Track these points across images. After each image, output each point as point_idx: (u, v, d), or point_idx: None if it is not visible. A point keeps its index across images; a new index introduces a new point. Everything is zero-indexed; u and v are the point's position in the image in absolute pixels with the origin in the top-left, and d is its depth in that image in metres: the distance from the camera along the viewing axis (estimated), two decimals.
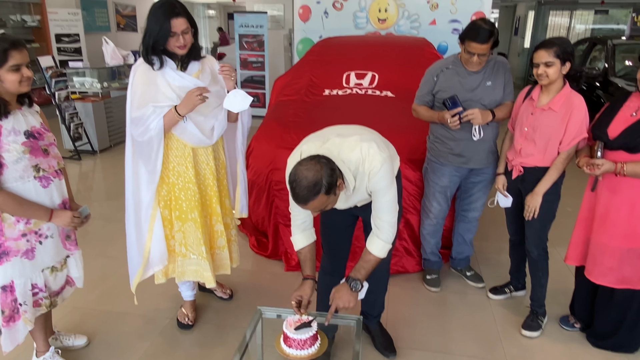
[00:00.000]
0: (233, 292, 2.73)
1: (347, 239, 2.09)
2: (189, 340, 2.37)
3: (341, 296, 1.72)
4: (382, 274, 2.17)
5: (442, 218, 2.74)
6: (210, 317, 2.54)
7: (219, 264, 2.37)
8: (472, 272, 2.90)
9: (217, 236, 2.30)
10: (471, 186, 2.65)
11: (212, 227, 2.28)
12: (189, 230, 2.18)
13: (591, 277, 2.22)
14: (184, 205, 2.15)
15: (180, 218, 2.16)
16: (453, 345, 2.34)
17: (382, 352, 2.24)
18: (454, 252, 2.91)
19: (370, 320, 2.30)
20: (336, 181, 1.54)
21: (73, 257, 2.03)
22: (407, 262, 2.97)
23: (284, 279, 2.91)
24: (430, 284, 2.82)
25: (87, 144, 5.43)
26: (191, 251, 2.21)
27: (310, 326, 1.67)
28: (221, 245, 2.32)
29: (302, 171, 1.50)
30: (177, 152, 2.09)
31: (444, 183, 2.61)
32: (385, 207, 1.69)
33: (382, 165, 1.62)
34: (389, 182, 1.66)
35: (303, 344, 1.62)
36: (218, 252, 2.34)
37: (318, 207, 1.53)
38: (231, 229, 2.40)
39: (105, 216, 3.77)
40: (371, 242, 1.76)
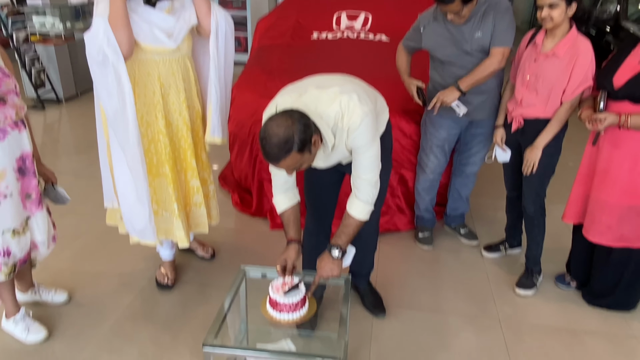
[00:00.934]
0: (215, 252, 2.74)
1: (332, 198, 2.08)
2: (169, 301, 2.38)
3: (323, 266, 1.72)
4: (371, 232, 2.18)
5: (438, 173, 2.74)
6: (191, 277, 2.56)
7: (196, 222, 2.35)
8: (467, 229, 2.94)
9: (192, 192, 2.27)
10: (470, 139, 2.64)
11: (187, 183, 2.25)
12: (159, 186, 2.14)
13: (589, 235, 2.25)
14: (154, 158, 2.10)
15: (150, 172, 2.12)
16: (444, 304, 2.39)
17: (371, 311, 2.29)
18: (448, 209, 2.94)
19: (359, 279, 2.33)
20: (310, 138, 1.50)
21: (34, 218, 1.98)
22: (398, 220, 2.99)
23: (269, 237, 2.93)
24: (423, 242, 2.86)
25: (51, 92, 5.24)
26: (162, 208, 2.19)
27: (298, 288, 1.68)
28: (197, 202, 2.29)
29: (273, 127, 1.46)
30: (146, 100, 2.02)
31: (443, 136, 2.59)
32: (365, 165, 1.67)
33: (363, 120, 1.57)
34: (370, 139, 1.62)
35: (291, 308, 1.63)
36: (194, 210, 2.32)
37: (291, 166, 1.51)
38: (209, 185, 2.37)
39: (75, 171, 3.70)
40: (351, 204, 1.74)
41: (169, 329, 2.20)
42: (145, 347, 2.09)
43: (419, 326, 2.24)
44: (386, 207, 2.94)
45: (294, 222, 1.82)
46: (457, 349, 2.12)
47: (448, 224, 2.99)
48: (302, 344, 2.02)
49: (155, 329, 2.20)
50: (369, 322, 2.26)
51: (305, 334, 2.07)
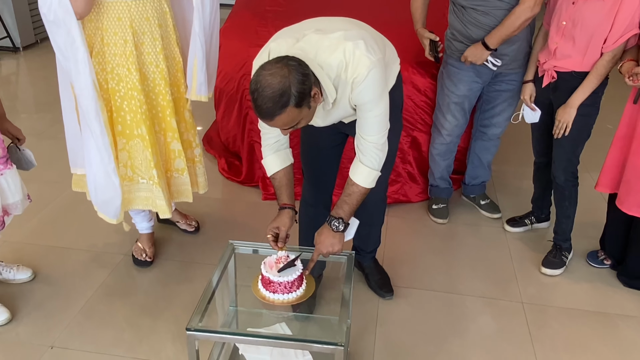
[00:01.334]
0: (200, 225, 2.74)
1: (333, 163, 2.07)
2: (148, 279, 2.40)
3: (322, 241, 1.71)
4: (377, 203, 2.18)
5: (457, 136, 2.72)
6: (173, 253, 2.56)
7: (178, 190, 2.35)
8: (488, 200, 2.94)
9: (173, 156, 2.26)
10: (495, 96, 2.61)
11: (166, 146, 2.23)
12: (135, 149, 2.13)
13: (623, 207, 2.25)
14: (127, 117, 2.08)
15: (124, 134, 2.11)
16: (460, 284, 2.41)
17: (377, 291, 2.30)
18: (467, 177, 2.93)
19: (363, 256, 2.34)
20: (310, 90, 1.47)
21: (4, 177, 1.96)
22: (409, 190, 2.99)
23: (261, 209, 2.92)
24: (437, 214, 2.86)
25: (7, 39, 5.15)
26: (139, 174, 2.19)
27: (294, 265, 1.68)
28: (179, 167, 2.28)
29: (266, 77, 1.42)
30: (116, 50, 1.98)
31: (462, 92, 2.56)
32: (371, 125, 1.65)
33: (370, 71, 1.54)
34: (378, 94, 1.60)
35: (287, 287, 1.63)
36: (176, 176, 2.31)
37: (287, 124, 1.49)
38: (194, 148, 2.35)
39: (37, 132, 3.66)
40: (354, 169, 1.73)
41: (148, 311, 2.22)
42: (121, 331, 2.11)
43: (430, 309, 2.26)
44: (395, 174, 2.92)
45: (286, 186, 1.82)
46: (473, 335, 2.14)
47: (466, 195, 2.99)
48: (298, 328, 2.04)
49: (132, 310, 2.22)
50: (374, 304, 2.27)
51: (302, 316, 2.09)
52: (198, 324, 1.52)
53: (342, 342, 1.45)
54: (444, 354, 2.04)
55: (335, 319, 1.59)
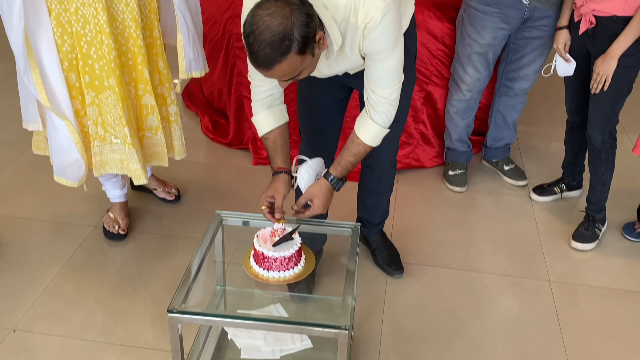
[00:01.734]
0: (180, 193, 2.73)
1: (335, 121, 2.07)
2: (121, 255, 2.40)
3: (324, 201, 1.74)
4: (386, 170, 2.17)
5: (478, 91, 2.70)
6: (150, 225, 2.56)
7: (151, 153, 2.33)
8: (512, 165, 2.94)
9: (145, 113, 2.23)
10: (523, 44, 2.58)
11: (137, 100, 2.21)
12: (106, 103, 2.11)
13: None
14: (96, 66, 2.05)
15: (93, 86, 2.08)
16: (479, 260, 2.42)
17: (385, 269, 2.32)
18: (489, 139, 2.92)
19: (370, 229, 2.34)
20: (314, 34, 1.45)
21: None
22: (423, 154, 2.98)
23: (252, 175, 2.91)
24: (454, 181, 2.86)
25: None
26: (112, 133, 2.17)
27: (291, 239, 1.67)
28: (152, 125, 2.26)
29: (264, 18, 1.39)
30: None
31: (486, 40, 2.53)
32: (382, 77, 1.65)
33: (384, 16, 1.52)
34: (392, 42, 1.58)
35: (283, 263, 1.63)
36: (149, 136, 2.29)
37: (288, 74, 1.47)
38: (168, 105, 2.32)
39: None
40: (362, 125, 1.74)
41: (123, 290, 2.22)
42: (92, 313, 2.12)
43: (445, 288, 2.27)
44: (406, 135, 2.91)
45: (282, 147, 1.81)
46: (493, 317, 2.15)
47: (488, 159, 2.98)
48: (296, 310, 2.05)
49: (105, 290, 2.22)
50: (381, 283, 2.28)
51: (300, 297, 2.09)
52: (181, 305, 1.52)
53: (346, 325, 1.46)
54: (460, 339, 2.06)
55: (338, 299, 1.59)
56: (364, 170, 2.21)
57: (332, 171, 1.76)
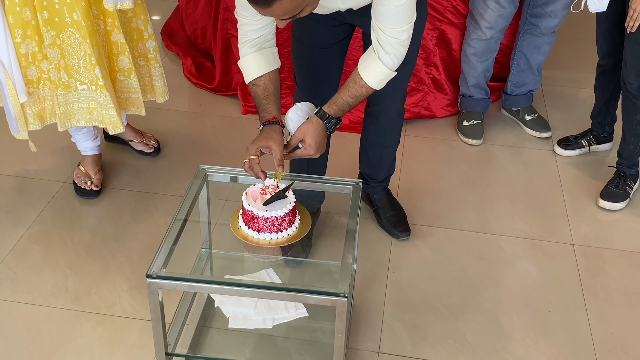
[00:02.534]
0: (160, 145, 2.72)
1: (335, 65, 2.06)
2: (95, 214, 2.41)
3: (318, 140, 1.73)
4: (392, 119, 2.16)
5: (500, 29, 2.69)
6: (126, 181, 2.56)
7: (125, 99, 2.32)
8: (535, 115, 2.94)
9: (115, 51, 2.21)
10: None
11: (107, 36, 2.18)
12: (69, 43, 2.09)
13: None
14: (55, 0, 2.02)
15: (52, 23, 2.05)
16: (496, 221, 2.44)
17: (390, 231, 2.34)
18: (510, 85, 2.91)
19: (373, 186, 2.35)
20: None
21: None
22: (434, 101, 2.97)
23: (241, 125, 2.90)
24: (469, 133, 2.86)
25: None
26: (77, 78, 2.15)
27: (285, 197, 1.67)
28: (124, 67, 2.24)
29: None
30: None
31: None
32: (392, 16, 1.64)
33: None
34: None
35: (275, 224, 1.63)
36: (121, 79, 2.27)
37: (289, 11, 1.45)
38: (145, 40, 2.30)
39: None
40: (366, 64, 1.73)
41: (97, 253, 2.24)
42: (63, 279, 2.14)
43: (457, 252, 2.29)
44: (416, 81, 2.89)
45: (273, 95, 1.79)
46: (510, 284, 2.18)
47: (508, 108, 2.98)
48: (290, 275, 2.07)
49: (77, 253, 2.23)
50: (385, 246, 2.30)
51: (294, 261, 2.10)
52: (161, 269, 1.53)
53: (346, 292, 1.47)
54: (472, 308, 2.08)
55: (337, 264, 1.60)
56: (367, 120, 2.19)
57: (326, 109, 1.76)
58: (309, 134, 1.73)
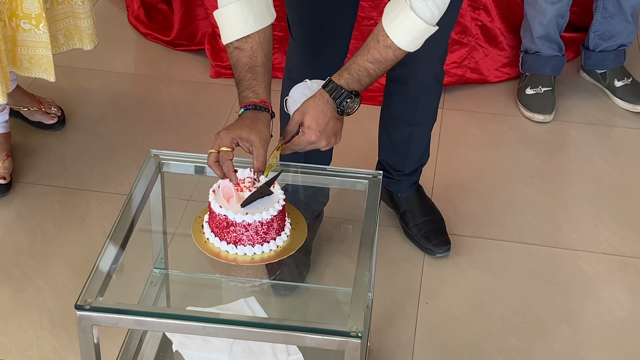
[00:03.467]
0: (65, 113, 2.75)
1: (346, 9, 2.10)
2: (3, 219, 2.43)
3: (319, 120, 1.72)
4: (426, 86, 2.18)
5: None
6: (47, 172, 2.59)
7: (29, 57, 2.35)
8: (628, 80, 2.96)
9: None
10: None
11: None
12: None
13: None
14: None
15: None
16: (572, 231, 2.44)
17: (422, 244, 2.36)
18: (593, 37, 2.93)
19: (398, 182, 2.36)
20: None
21: None
22: (484, 60, 2.99)
23: (208, 93, 2.94)
24: (535, 105, 2.88)
25: None
26: None
27: (270, 193, 1.67)
28: (32, 12, 2.24)
29: None
30: None
31: None
32: None
33: None
34: None
35: (260, 233, 1.63)
36: (27, 30, 2.29)
37: None
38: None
39: None
40: (394, 15, 1.71)
41: (6, 275, 2.25)
42: None
43: (516, 274, 2.30)
44: (459, 30, 2.90)
45: (262, 67, 1.78)
46: (592, 319, 2.18)
47: (590, 69, 3.01)
48: (279, 307, 2.08)
49: None
50: (415, 265, 2.32)
51: (286, 286, 2.11)
52: (96, 297, 1.52)
53: (359, 330, 1.46)
54: (539, 353, 2.09)
55: (347, 290, 1.59)
56: (391, 87, 2.19)
57: (335, 78, 1.75)
58: (309, 113, 1.72)
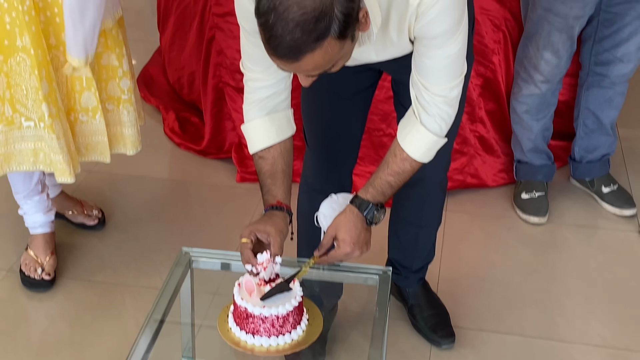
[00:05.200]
0: (105, 215, 2.75)
1: (356, 120, 2.11)
2: (47, 312, 2.41)
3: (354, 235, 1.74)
4: (431, 191, 2.18)
5: (558, 81, 2.72)
6: (87, 268, 2.57)
7: (87, 144, 2.37)
8: (614, 186, 2.93)
9: (78, 87, 2.26)
10: (621, 11, 2.61)
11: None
12: (17, 70, 2.15)
13: None
14: (6, 19, 2.09)
15: (1, 46, 2.12)
16: (567, 325, 2.41)
17: (428, 336, 2.32)
18: (578, 150, 2.92)
19: (406, 277, 2.34)
20: (358, 10, 1.46)
21: None
22: (483, 167, 2.99)
23: (235, 197, 2.93)
24: (530, 208, 2.86)
25: None
26: (23, 113, 2.20)
27: (288, 289, 1.66)
28: (89, 105, 2.29)
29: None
30: None
31: (575, 11, 2.55)
32: (442, 69, 1.69)
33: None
34: (456, 20, 1.63)
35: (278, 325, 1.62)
36: (84, 120, 2.32)
37: (320, 67, 1.50)
38: (119, 78, 2.35)
39: None
40: (407, 132, 1.76)
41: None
42: None
43: None
44: (460, 140, 2.90)
45: (282, 173, 1.81)
46: None
47: (578, 177, 2.99)
48: None
49: None
50: (422, 355, 2.28)
51: None
52: None
53: None
54: None
55: None
56: (400, 192, 2.20)
57: (362, 194, 1.77)
58: (342, 228, 1.74)
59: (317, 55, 1.44)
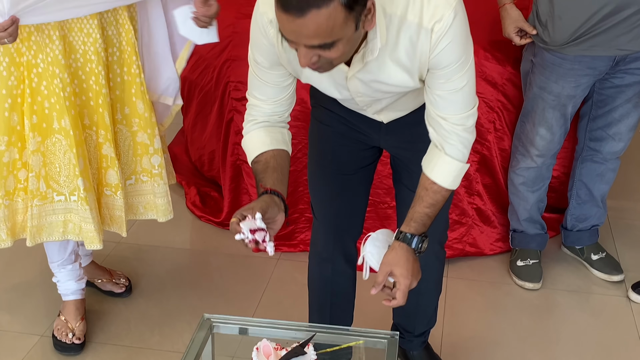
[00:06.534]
0: (132, 284, 2.74)
1: (360, 194, 2.11)
2: None
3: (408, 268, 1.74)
4: (430, 260, 2.15)
5: (552, 155, 2.73)
6: (114, 333, 2.56)
7: (110, 216, 2.39)
8: (603, 254, 2.93)
9: (105, 165, 2.31)
10: (613, 94, 2.61)
11: (98, 149, 2.28)
12: (52, 150, 2.18)
13: None
14: (46, 104, 2.13)
15: (40, 129, 2.15)
16: None
17: None
18: (570, 219, 2.92)
19: (409, 341, 2.33)
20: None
21: None
22: (480, 236, 2.98)
23: (252, 266, 2.92)
24: (525, 275, 2.85)
25: None
26: (55, 189, 2.23)
27: (303, 353, 1.66)
28: (112, 182, 2.32)
29: None
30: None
31: (567, 91, 2.56)
32: (458, 100, 1.70)
33: (456, 14, 1.58)
34: (466, 48, 1.64)
35: None
36: (108, 195, 2.35)
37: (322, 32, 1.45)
38: (151, 154, 2.38)
39: None
40: (434, 165, 1.76)
41: None
42: None
43: None
44: (458, 212, 2.92)
45: (272, 169, 1.76)
46: None
47: (570, 246, 2.99)
48: None
49: None
50: None
51: None
52: None
53: None
54: None
55: None
56: None
57: (405, 229, 1.76)
58: (397, 264, 1.74)
59: (322, 15, 1.42)
